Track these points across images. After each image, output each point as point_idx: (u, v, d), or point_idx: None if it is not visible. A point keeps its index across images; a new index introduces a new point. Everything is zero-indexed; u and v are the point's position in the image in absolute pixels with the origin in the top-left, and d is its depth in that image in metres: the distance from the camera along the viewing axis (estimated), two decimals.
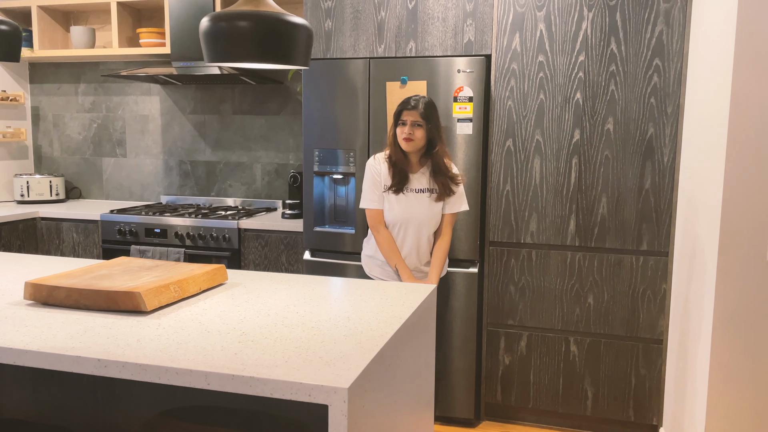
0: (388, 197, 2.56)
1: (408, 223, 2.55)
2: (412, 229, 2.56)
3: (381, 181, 2.58)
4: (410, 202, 2.54)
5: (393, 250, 2.56)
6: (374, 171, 2.59)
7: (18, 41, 1.96)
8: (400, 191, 2.53)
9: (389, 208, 2.56)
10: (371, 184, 2.59)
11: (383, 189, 2.57)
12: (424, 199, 2.55)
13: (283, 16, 1.61)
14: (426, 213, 2.55)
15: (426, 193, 2.55)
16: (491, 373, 3.02)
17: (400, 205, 2.54)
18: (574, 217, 2.83)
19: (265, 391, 1.24)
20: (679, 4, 2.61)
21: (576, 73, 2.76)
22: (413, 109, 2.48)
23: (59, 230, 3.75)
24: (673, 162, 2.70)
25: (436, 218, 2.59)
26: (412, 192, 2.55)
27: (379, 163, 2.59)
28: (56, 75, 4.31)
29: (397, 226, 2.57)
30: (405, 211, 2.54)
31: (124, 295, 1.65)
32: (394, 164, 2.53)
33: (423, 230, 2.57)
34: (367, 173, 2.61)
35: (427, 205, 2.55)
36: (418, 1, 2.90)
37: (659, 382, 2.82)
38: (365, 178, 2.62)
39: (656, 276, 2.77)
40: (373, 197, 2.59)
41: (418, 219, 2.55)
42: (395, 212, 2.55)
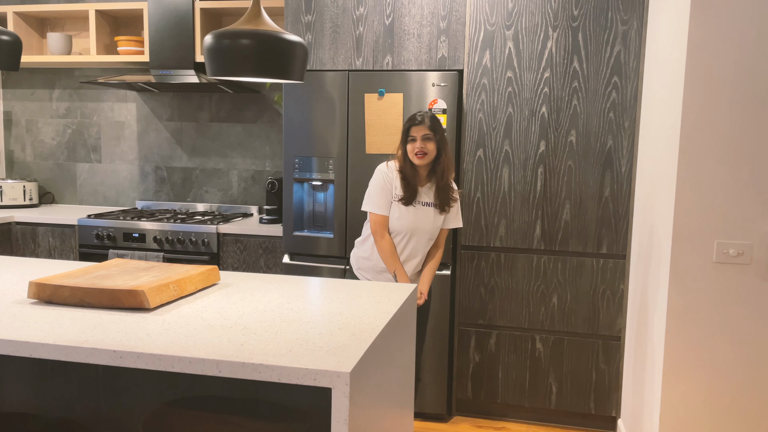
0: (398, 207, 2.65)
1: (413, 233, 2.68)
2: (415, 239, 2.69)
3: (391, 190, 2.65)
4: (418, 213, 2.66)
5: (394, 256, 2.66)
6: (386, 178, 2.65)
7: (18, 51, 2.04)
8: (410, 204, 2.65)
9: (398, 216, 2.65)
10: (380, 189, 2.65)
11: (393, 198, 2.66)
12: (429, 212, 2.68)
13: (281, 34, 1.74)
14: (430, 225, 2.69)
15: (432, 207, 2.69)
16: (462, 371, 3.18)
17: (409, 216, 2.65)
18: (539, 222, 3.02)
19: (273, 376, 1.36)
20: (635, 26, 2.84)
21: (542, 89, 2.96)
22: (420, 124, 2.59)
23: (35, 235, 3.77)
24: (630, 172, 2.92)
25: (437, 232, 2.74)
26: (420, 204, 2.67)
27: (392, 171, 2.66)
28: (30, 80, 4.33)
29: (401, 235, 2.68)
30: (413, 222, 2.66)
31: (128, 293, 1.75)
32: (404, 179, 2.63)
33: (424, 241, 2.71)
34: (377, 178, 2.67)
35: (432, 218, 2.70)
36: (394, 18, 3.06)
37: (618, 376, 3.02)
38: (374, 182, 2.68)
39: (615, 277, 2.98)
40: (380, 203, 2.65)
41: (422, 230, 2.68)
42: (403, 222, 2.66)
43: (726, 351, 2.20)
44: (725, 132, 2.12)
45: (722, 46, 2.10)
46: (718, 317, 2.18)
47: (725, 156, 2.13)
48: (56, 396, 1.87)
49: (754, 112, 2.10)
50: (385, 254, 2.66)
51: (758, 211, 2.12)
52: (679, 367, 2.24)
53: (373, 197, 2.66)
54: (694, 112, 2.13)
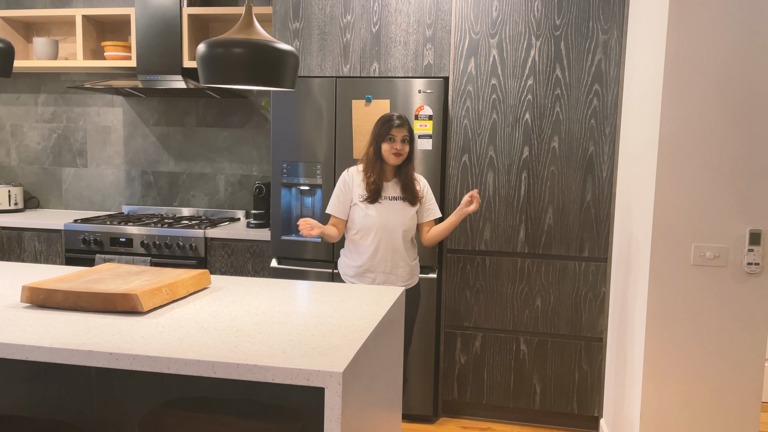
0: (365, 206, 2.72)
1: (383, 228, 2.72)
2: (387, 233, 2.72)
3: (353, 194, 2.73)
4: (385, 208, 2.72)
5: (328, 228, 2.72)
6: (345, 183, 2.75)
7: (11, 58, 2.06)
8: (376, 200, 2.71)
9: (365, 215, 2.72)
10: (340, 193, 2.75)
11: (358, 199, 2.73)
12: (397, 206, 2.74)
13: (273, 43, 1.79)
14: (400, 218, 2.73)
15: (398, 200, 2.74)
16: (448, 372, 3.24)
17: (376, 212, 2.71)
18: (523, 226, 3.09)
19: (267, 377, 1.40)
20: (616, 35, 2.92)
21: (525, 96, 3.03)
22: (402, 126, 2.67)
23: (20, 239, 3.76)
24: (611, 177, 3.00)
25: (411, 223, 2.77)
26: (387, 200, 2.73)
27: (352, 176, 2.75)
28: (15, 85, 4.32)
29: (373, 232, 2.73)
30: (380, 217, 2.71)
31: (122, 297, 1.78)
32: (371, 180, 2.69)
33: (398, 235, 2.75)
34: (339, 183, 2.77)
35: (401, 211, 2.74)
36: (381, 25, 3.11)
37: (600, 376, 3.09)
38: (336, 186, 2.77)
39: (596, 280, 3.05)
40: (338, 206, 2.75)
41: (392, 224, 2.72)
42: (371, 218, 2.71)
43: (704, 351, 2.27)
44: (703, 137, 2.20)
45: (699, 53, 2.18)
46: (696, 318, 2.26)
47: (702, 161, 2.21)
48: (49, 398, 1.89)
49: (730, 118, 2.18)
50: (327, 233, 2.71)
51: (734, 215, 2.20)
52: (658, 367, 2.31)
53: (333, 200, 2.78)
54: (672, 118, 2.21)
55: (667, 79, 2.21)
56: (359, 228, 2.74)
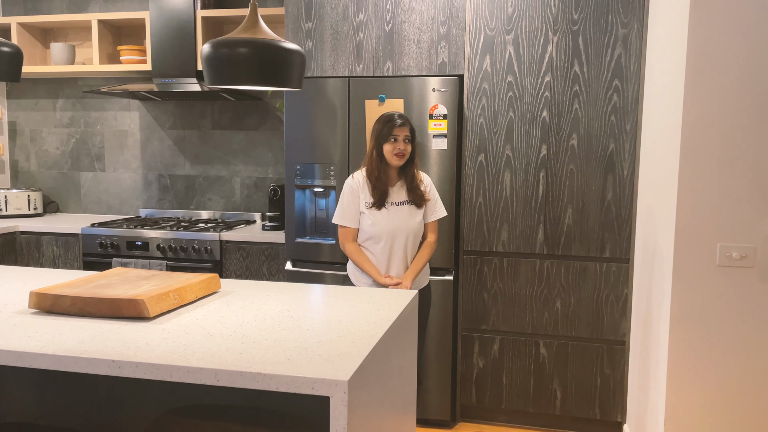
0: (371, 213, 2.67)
1: (394, 235, 2.68)
2: (398, 240, 2.68)
3: (360, 200, 2.68)
4: (392, 214, 2.67)
5: (363, 259, 2.68)
6: (352, 190, 2.68)
7: (19, 62, 2.06)
8: (383, 206, 2.66)
9: (373, 223, 2.67)
10: (348, 202, 2.69)
11: (364, 206, 2.68)
12: (404, 210, 2.69)
13: (279, 42, 1.75)
14: (409, 223, 2.68)
15: (405, 204, 2.69)
16: (466, 376, 3.17)
17: (384, 219, 2.66)
18: (542, 226, 3.01)
19: (271, 385, 1.36)
20: (636, 29, 2.83)
21: (542, 93, 2.95)
22: (403, 126, 2.62)
23: (39, 244, 3.79)
24: (632, 175, 2.91)
25: (420, 227, 2.73)
26: (393, 205, 2.68)
27: (357, 181, 2.69)
28: (34, 91, 4.35)
29: (383, 240, 2.68)
30: (389, 224, 2.66)
31: (128, 303, 1.75)
32: (375, 183, 2.64)
33: (409, 240, 2.70)
34: (344, 191, 2.71)
35: (409, 215, 2.69)
36: (394, 24, 3.06)
37: (623, 381, 3.00)
38: (343, 195, 2.71)
39: (618, 281, 2.96)
40: (346, 215, 2.69)
41: (402, 230, 2.68)
42: (380, 226, 2.67)
43: (730, 355, 2.18)
44: (727, 134, 2.11)
45: (722, 46, 2.09)
46: (722, 321, 2.17)
47: (727, 158, 2.12)
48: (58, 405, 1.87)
49: (756, 113, 2.09)
50: (355, 257, 2.70)
51: (761, 213, 2.11)
52: (683, 372, 2.22)
53: (341, 209, 2.72)
54: (695, 114, 2.12)
55: (689, 72, 2.13)
56: (368, 236, 2.69)
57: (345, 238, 2.73)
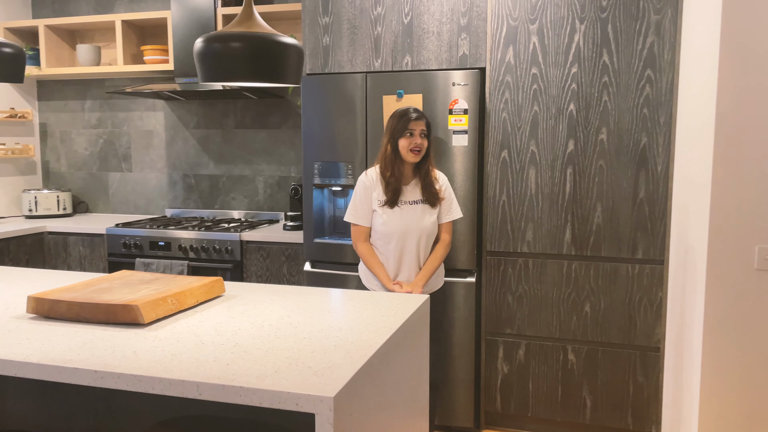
0: (383, 212, 2.59)
1: (405, 234, 2.58)
2: (410, 240, 2.58)
3: (372, 198, 2.60)
4: (405, 213, 2.57)
5: (374, 261, 2.61)
6: (365, 188, 2.61)
7: (22, 63, 2.03)
8: (395, 204, 2.57)
9: (384, 221, 2.58)
10: (359, 199, 2.61)
11: (377, 204, 2.60)
12: (418, 210, 2.58)
13: (273, 36, 1.66)
14: (422, 223, 2.58)
15: (419, 204, 2.59)
16: (490, 382, 3.04)
17: (396, 218, 2.57)
18: (569, 226, 2.86)
19: (254, 400, 1.28)
20: (670, 15, 2.65)
21: (569, 85, 2.80)
22: (419, 119, 2.53)
23: (66, 244, 3.82)
24: (666, 171, 2.73)
25: (434, 228, 2.62)
26: (406, 204, 2.58)
27: (371, 179, 2.61)
28: (63, 92, 4.40)
29: (395, 239, 2.59)
30: (401, 223, 2.57)
31: (123, 308, 1.70)
32: (388, 180, 2.55)
33: (422, 241, 2.60)
34: (357, 188, 2.63)
35: (423, 215, 2.59)
36: (413, 16, 2.95)
37: (657, 389, 2.83)
38: (355, 192, 2.64)
39: (652, 284, 2.79)
40: (358, 213, 2.62)
41: (415, 230, 2.58)
42: (392, 225, 2.58)
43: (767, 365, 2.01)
44: (764, 126, 1.93)
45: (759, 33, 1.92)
46: (760, 328, 1.99)
47: (765, 153, 1.94)
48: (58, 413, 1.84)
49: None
50: (366, 259, 2.63)
51: None
52: (717, 382, 2.05)
53: (353, 207, 2.64)
54: (730, 106, 1.95)
55: (723, 62, 1.96)
56: (379, 235, 2.60)
57: (357, 237, 2.65)
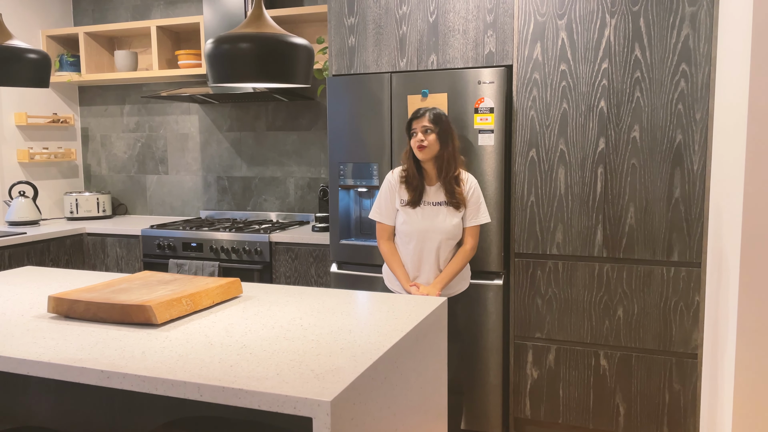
0: (405, 211, 2.57)
1: (426, 235, 2.55)
2: (430, 241, 2.55)
3: (396, 197, 2.59)
4: (427, 214, 2.54)
5: (394, 261, 2.61)
6: (390, 186, 2.62)
7: (47, 68, 2.08)
8: (417, 204, 2.54)
9: (405, 221, 2.56)
10: (384, 197, 2.62)
11: (399, 203, 2.58)
12: (441, 212, 2.54)
13: (283, 37, 1.66)
14: (443, 225, 2.54)
15: (443, 205, 2.55)
16: (519, 387, 2.97)
17: (417, 218, 2.55)
18: (600, 227, 2.77)
19: (252, 402, 1.27)
20: (705, 7, 2.54)
21: (600, 81, 2.71)
22: (422, 117, 2.53)
23: (104, 245, 3.92)
24: (703, 169, 2.61)
25: (456, 231, 2.57)
26: (429, 205, 2.55)
27: (395, 177, 2.61)
28: (103, 97, 4.52)
29: (415, 239, 2.56)
30: (422, 224, 2.54)
31: (137, 309, 1.72)
32: (408, 180, 2.55)
33: (443, 243, 2.56)
34: (383, 186, 2.64)
35: (446, 217, 2.54)
36: (438, 14, 2.91)
37: (695, 398, 2.71)
38: (381, 190, 2.65)
39: (689, 287, 2.67)
40: (382, 211, 2.63)
41: (436, 231, 2.54)
42: (413, 225, 2.55)
43: None
44: None
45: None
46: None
47: None
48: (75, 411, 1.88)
49: None
50: (386, 257, 2.65)
51: None
52: (751, 392, 1.94)
53: (378, 204, 2.66)
54: (763, 101, 1.84)
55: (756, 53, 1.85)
56: (400, 235, 2.58)
57: (381, 235, 2.65)
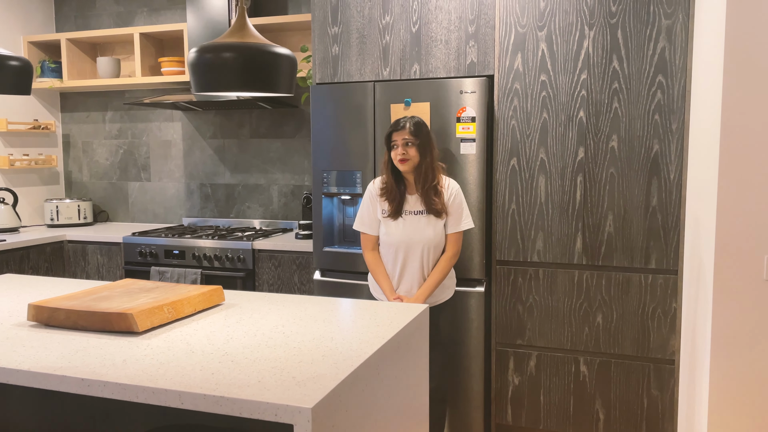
0: (385, 222, 2.59)
1: (409, 245, 2.56)
2: (413, 251, 2.56)
3: (377, 207, 2.60)
4: (408, 224, 2.56)
5: (379, 271, 2.62)
6: (371, 196, 2.63)
7: (29, 76, 2.08)
8: (399, 215, 2.56)
9: (387, 232, 2.58)
10: (366, 208, 2.64)
11: (380, 214, 2.59)
12: (422, 220, 2.56)
13: (266, 47, 1.67)
14: (425, 234, 2.56)
15: (424, 214, 2.57)
16: (501, 394, 3.00)
17: (398, 229, 2.56)
18: (580, 235, 2.81)
19: (234, 410, 1.27)
20: (681, 19, 2.60)
21: (579, 92, 2.76)
22: (402, 129, 2.52)
23: (85, 253, 3.89)
24: (679, 178, 2.66)
25: (439, 239, 2.59)
26: (410, 214, 2.57)
27: (377, 187, 2.62)
28: (85, 104, 4.50)
29: (398, 249, 2.57)
30: (404, 234, 2.55)
31: (118, 316, 1.71)
32: (388, 191, 2.56)
33: (426, 253, 2.57)
34: (365, 197, 2.66)
35: (426, 226, 2.56)
36: (421, 24, 2.95)
37: (672, 403, 2.75)
38: (363, 200, 2.66)
39: (666, 294, 2.72)
40: (365, 221, 2.65)
41: (418, 241, 2.56)
42: (395, 236, 2.56)
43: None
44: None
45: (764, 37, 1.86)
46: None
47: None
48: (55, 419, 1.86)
49: None
50: (371, 268, 2.65)
51: None
52: (726, 398, 1.98)
53: (361, 215, 2.67)
54: (735, 112, 1.89)
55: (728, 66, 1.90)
56: (383, 245, 2.60)
57: (365, 245, 2.66)
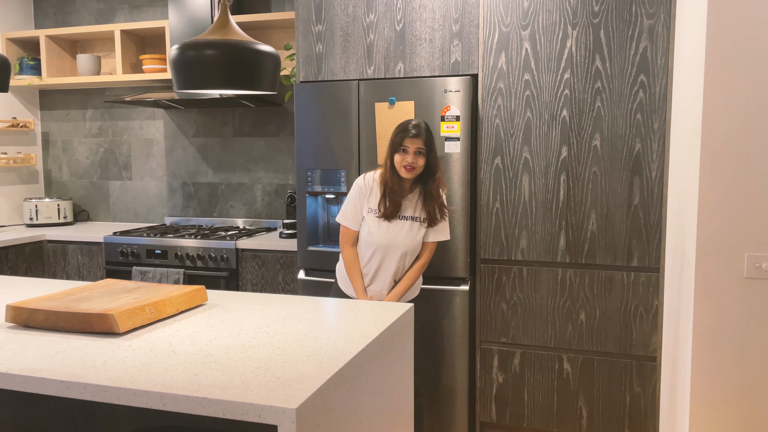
0: (371, 221, 2.55)
1: (389, 248, 2.54)
2: (392, 255, 2.54)
3: (365, 203, 2.57)
4: (392, 227, 2.53)
5: (354, 268, 2.58)
6: (360, 192, 2.57)
7: (6, 73, 2.04)
8: (394, 218, 2.52)
9: (370, 231, 2.54)
10: (352, 202, 2.59)
11: (366, 211, 2.57)
12: (407, 226, 2.54)
13: (249, 44, 1.66)
14: (408, 240, 2.54)
15: (411, 220, 2.55)
16: (485, 392, 3.00)
17: (382, 231, 2.53)
18: (563, 233, 2.82)
19: (217, 411, 1.26)
20: (662, 19, 2.62)
21: (562, 91, 2.77)
22: (417, 137, 2.45)
23: (65, 252, 3.84)
24: (661, 177, 2.69)
25: (417, 245, 2.58)
26: (399, 219, 2.54)
27: (368, 184, 2.57)
28: (65, 101, 4.44)
29: (377, 250, 2.55)
30: (386, 237, 2.53)
31: (98, 317, 1.69)
32: (389, 194, 2.51)
33: (403, 258, 2.55)
34: (352, 191, 2.60)
35: (410, 232, 2.54)
36: (405, 23, 2.94)
37: (654, 400, 2.78)
38: (350, 194, 2.61)
39: (648, 292, 2.74)
40: (348, 216, 2.59)
41: (399, 246, 2.54)
42: (377, 236, 2.54)
43: (760, 377, 1.95)
44: (755, 132, 1.89)
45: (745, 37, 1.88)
46: (751, 339, 1.94)
47: (755, 159, 1.90)
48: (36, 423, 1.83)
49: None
50: (347, 265, 2.61)
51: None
52: (707, 395, 2.00)
53: (346, 209, 2.61)
54: (717, 112, 1.91)
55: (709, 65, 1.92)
56: (362, 243, 2.57)
57: (345, 239, 2.62)
